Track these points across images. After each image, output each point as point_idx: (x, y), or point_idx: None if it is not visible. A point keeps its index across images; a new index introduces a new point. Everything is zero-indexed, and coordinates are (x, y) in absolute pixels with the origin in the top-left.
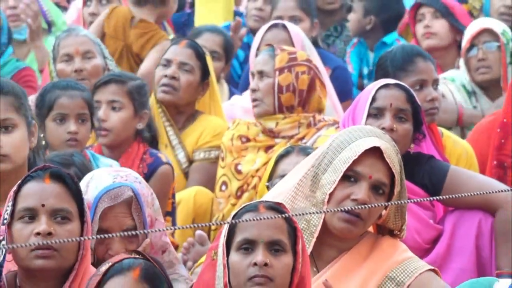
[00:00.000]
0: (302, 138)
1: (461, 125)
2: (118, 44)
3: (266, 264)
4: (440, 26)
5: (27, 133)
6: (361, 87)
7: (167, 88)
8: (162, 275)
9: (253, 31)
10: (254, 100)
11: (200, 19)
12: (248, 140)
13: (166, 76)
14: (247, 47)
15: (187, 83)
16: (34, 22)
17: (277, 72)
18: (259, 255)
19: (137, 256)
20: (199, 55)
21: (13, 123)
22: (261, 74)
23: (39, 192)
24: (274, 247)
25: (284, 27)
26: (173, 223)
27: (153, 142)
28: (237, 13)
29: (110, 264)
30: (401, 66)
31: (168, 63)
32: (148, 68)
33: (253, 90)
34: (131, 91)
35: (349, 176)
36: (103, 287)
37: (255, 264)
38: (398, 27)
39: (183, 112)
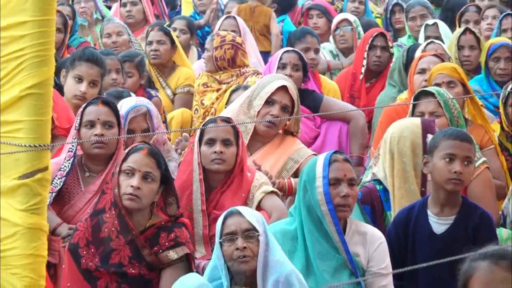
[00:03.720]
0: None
1: (330, 71)
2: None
3: (221, 152)
4: (322, 22)
5: (99, 90)
6: None
7: (154, 55)
8: (160, 154)
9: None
10: (204, 63)
11: (185, 13)
12: (207, 86)
13: (152, 50)
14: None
15: (164, 50)
16: (90, 18)
17: (214, 49)
18: (217, 147)
19: (145, 143)
20: (166, 33)
21: (96, 83)
22: (207, 49)
23: (96, 111)
24: (225, 142)
25: (234, 18)
26: (166, 128)
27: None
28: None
29: (129, 148)
30: (298, 37)
31: (150, 43)
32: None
33: (203, 58)
34: (137, 64)
35: (269, 101)
36: (126, 160)
37: (215, 152)
38: (297, 17)
39: (166, 66)
